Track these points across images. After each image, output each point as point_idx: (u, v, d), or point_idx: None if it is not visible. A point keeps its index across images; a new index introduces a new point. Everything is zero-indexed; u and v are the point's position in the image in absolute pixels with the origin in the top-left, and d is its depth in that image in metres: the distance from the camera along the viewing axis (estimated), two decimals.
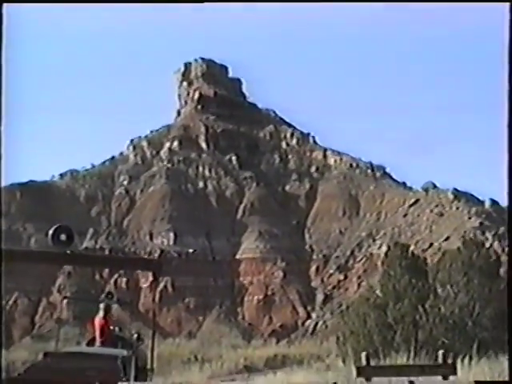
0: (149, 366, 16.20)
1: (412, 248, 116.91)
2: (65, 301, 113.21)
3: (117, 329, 21.74)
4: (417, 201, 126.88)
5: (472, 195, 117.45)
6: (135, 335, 20.10)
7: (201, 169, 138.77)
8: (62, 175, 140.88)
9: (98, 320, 20.35)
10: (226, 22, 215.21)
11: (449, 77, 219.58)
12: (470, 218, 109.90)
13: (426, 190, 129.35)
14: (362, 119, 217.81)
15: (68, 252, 14.57)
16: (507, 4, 14.35)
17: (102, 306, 20.57)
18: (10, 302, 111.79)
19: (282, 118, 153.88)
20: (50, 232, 14.64)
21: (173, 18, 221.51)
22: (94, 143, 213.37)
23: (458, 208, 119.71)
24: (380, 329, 33.66)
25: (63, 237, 14.53)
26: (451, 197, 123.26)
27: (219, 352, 61.54)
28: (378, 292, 37.76)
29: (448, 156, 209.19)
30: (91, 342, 20.88)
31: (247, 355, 57.07)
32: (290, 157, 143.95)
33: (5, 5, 14.06)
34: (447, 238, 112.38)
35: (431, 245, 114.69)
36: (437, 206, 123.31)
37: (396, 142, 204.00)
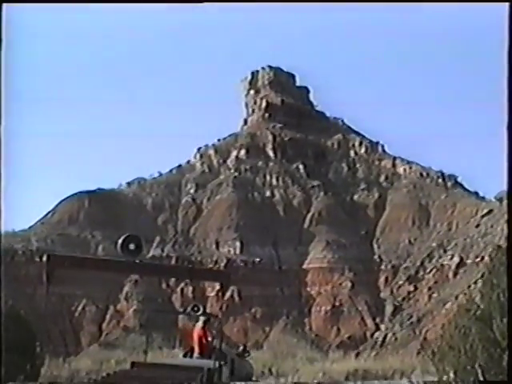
0: (254, 378, 15.82)
1: (486, 259, 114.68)
2: (132, 309, 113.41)
3: (215, 341, 21.81)
4: (490, 211, 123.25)
5: None
6: (241, 347, 20.82)
7: (268, 177, 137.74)
8: (129, 183, 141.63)
9: (197, 331, 20.52)
10: (294, 30, 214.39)
11: (448, 77, 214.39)
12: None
13: (500, 200, 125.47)
14: (432, 127, 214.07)
15: (137, 261, 14.47)
16: (507, 4, 14.24)
17: (202, 318, 20.64)
18: (79, 309, 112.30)
19: (350, 127, 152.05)
20: (119, 241, 14.48)
21: (239, 26, 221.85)
22: (161, 151, 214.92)
23: None
24: (484, 344, 30.83)
25: (132, 246, 14.40)
26: None
27: (294, 365, 59.53)
28: (478, 302, 34.78)
29: None
30: (189, 353, 21.14)
31: (325, 369, 54.88)
32: (358, 166, 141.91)
33: (5, 5, 13.94)
34: None
35: None
36: None
37: (467, 149, 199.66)
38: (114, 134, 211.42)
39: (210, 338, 20.57)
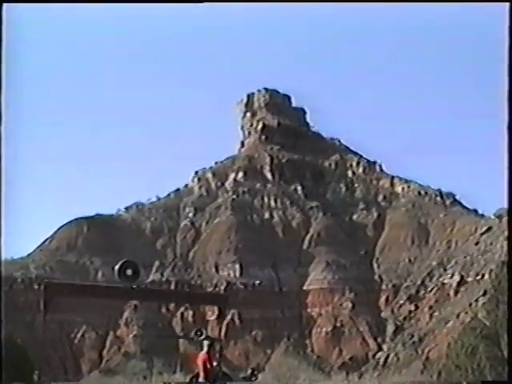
0: None
1: (486, 277, 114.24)
2: (132, 334, 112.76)
3: (221, 365, 21.43)
4: (489, 228, 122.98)
5: None
6: (249, 371, 20.62)
7: (266, 199, 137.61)
8: (127, 208, 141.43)
9: (202, 356, 20.35)
10: (289, 52, 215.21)
11: (448, 78, 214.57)
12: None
13: (499, 217, 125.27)
14: (430, 146, 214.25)
15: (135, 287, 14.54)
16: (507, 4, 14.35)
17: (206, 342, 20.47)
18: (78, 336, 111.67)
19: (347, 147, 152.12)
20: (116, 267, 14.52)
21: (234, 49, 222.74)
22: (158, 175, 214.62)
23: None
24: (492, 363, 29.61)
25: (129, 272, 14.51)
26: None
27: None
28: (483, 319, 33.43)
29: None
30: (195, 378, 20.91)
31: None
32: (356, 185, 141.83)
33: (5, 5, 14.01)
34: None
35: None
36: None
37: (466, 168, 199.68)
38: (112, 159, 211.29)
39: (214, 363, 20.41)
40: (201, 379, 20.38)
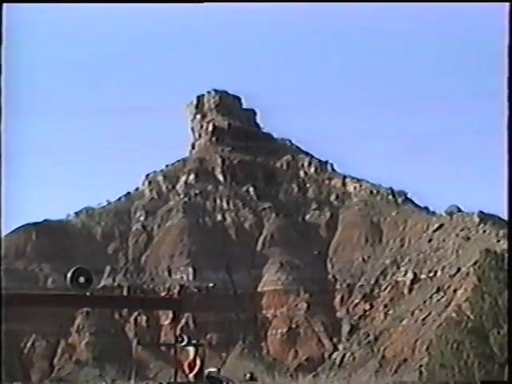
0: None
1: (439, 274, 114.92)
2: (84, 341, 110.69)
3: (212, 369, 22.15)
4: (441, 225, 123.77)
5: (499, 217, 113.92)
6: (248, 375, 21.01)
7: (218, 201, 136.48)
8: (77, 213, 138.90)
9: (187, 362, 20.57)
10: (238, 52, 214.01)
11: (448, 80, 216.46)
12: (498, 241, 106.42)
13: (451, 214, 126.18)
14: (380, 143, 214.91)
15: (88, 294, 14.16)
16: (507, 4, 14.34)
17: (191, 348, 20.58)
18: (28, 345, 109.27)
19: (298, 147, 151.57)
20: (68, 275, 13.96)
21: (183, 50, 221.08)
22: (108, 179, 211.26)
23: (484, 231, 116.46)
24: (480, 361, 27.42)
25: (82, 279, 13.98)
26: (477, 220, 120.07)
27: None
28: (468, 313, 31.17)
29: (472, 177, 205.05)
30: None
31: None
32: (308, 186, 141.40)
33: (5, 5, 14.10)
34: (475, 263, 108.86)
35: (459, 270, 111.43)
36: (462, 229, 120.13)
37: (416, 165, 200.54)
38: (60, 163, 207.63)
39: (198, 361, 20.67)
40: (190, 377, 20.51)
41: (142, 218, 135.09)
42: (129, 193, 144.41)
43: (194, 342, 20.73)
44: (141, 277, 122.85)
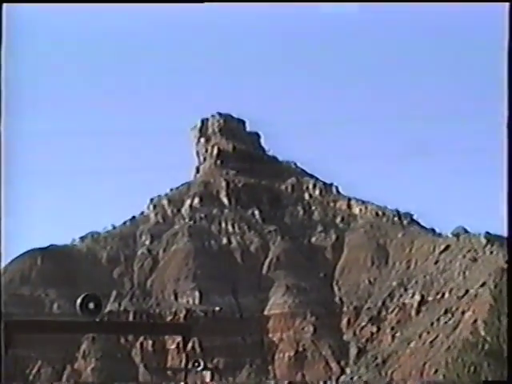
0: None
1: (446, 296, 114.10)
2: (90, 367, 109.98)
3: None
4: (447, 247, 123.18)
5: (507, 238, 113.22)
6: None
7: (223, 225, 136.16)
8: (82, 238, 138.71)
9: None
10: (242, 76, 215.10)
11: (449, 83, 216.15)
12: (506, 263, 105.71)
13: (457, 236, 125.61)
14: (386, 166, 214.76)
15: (97, 320, 14.16)
16: (507, 4, 14.40)
17: (207, 373, 20.49)
18: (34, 372, 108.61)
19: (303, 170, 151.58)
20: (78, 301, 13.93)
21: (186, 74, 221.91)
22: (113, 204, 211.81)
23: (492, 252, 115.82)
24: None
25: (91, 305, 14.02)
26: (484, 241, 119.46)
27: None
28: (483, 334, 30.26)
29: (478, 198, 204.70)
30: None
31: None
32: (313, 208, 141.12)
33: (5, 5, 14.02)
34: (483, 284, 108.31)
35: (467, 291, 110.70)
36: (469, 251, 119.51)
37: (422, 187, 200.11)
38: (64, 187, 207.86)
39: None
40: None
41: (147, 242, 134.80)
42: (134, 217, 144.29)
43: (210, 366, 20.63)
44: (147, 301, 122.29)
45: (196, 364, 20.47)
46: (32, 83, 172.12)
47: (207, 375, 18.08)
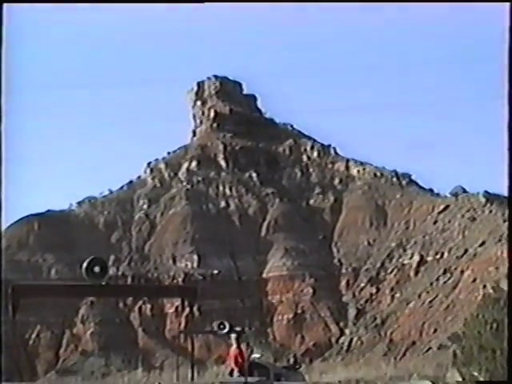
0: None
1: (445, 256, 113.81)
2: (89, 332, 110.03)
3: (257, 355, 22.64)
4: (446, 207, 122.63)
5: (506, 197, 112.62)
6: (292, 359, 21.65)
7: (221, 188, 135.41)
8: (79, 203, 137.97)
9: (233, 352, 20.93)
10: (237, 37, 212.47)
11: (447, 78, 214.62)
12: (505, 221, 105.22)
13: (456, 195, 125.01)
14: (384, 125, 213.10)
15: (103, 283, 14.27)
16: (507, 4, 14.31)
17: (233, 335, 20.80)
18: (33, 336, 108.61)
19: (300, 132, 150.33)
20: (84, 265, 14.04)
21: (182, 37, 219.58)
22: (110, 168, 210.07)
23: (491, 211, 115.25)
24: None
25: (97, 269, 14.14)
26: (483, 200, 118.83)
27: None
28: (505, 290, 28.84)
29: (476, 157, 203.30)
30: (231, 373, 21.78)
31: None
32: (311, 170, 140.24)
33: (5, 5, 14.14)
34: (482, 243, 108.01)
35: (466, 251, 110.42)
36: (468, 210, 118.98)
37: (419, 146, 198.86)
38: (61, 153, 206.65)
39: (245, 355, 21.04)
40: (235, 373, 20.75)
41: (144, 207, 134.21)
42: (131, 181, 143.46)
43: (236, 329, 20.29)
44: (145, 265, 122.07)
45: (222, 326, 20.15)
46: (32, 83, 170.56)
47: (233, 339, 17.76)
